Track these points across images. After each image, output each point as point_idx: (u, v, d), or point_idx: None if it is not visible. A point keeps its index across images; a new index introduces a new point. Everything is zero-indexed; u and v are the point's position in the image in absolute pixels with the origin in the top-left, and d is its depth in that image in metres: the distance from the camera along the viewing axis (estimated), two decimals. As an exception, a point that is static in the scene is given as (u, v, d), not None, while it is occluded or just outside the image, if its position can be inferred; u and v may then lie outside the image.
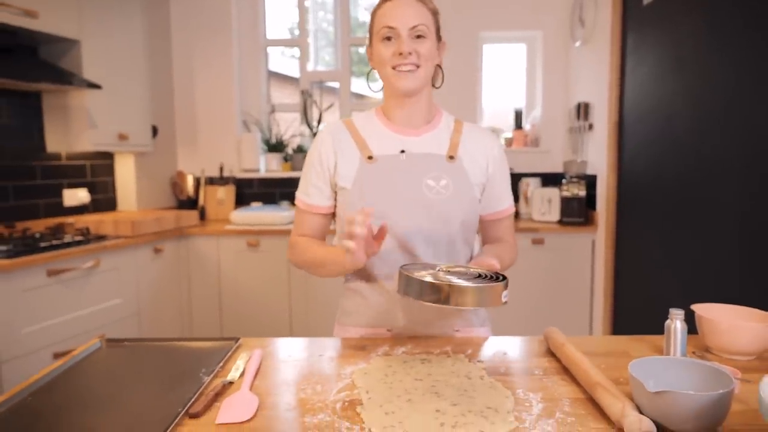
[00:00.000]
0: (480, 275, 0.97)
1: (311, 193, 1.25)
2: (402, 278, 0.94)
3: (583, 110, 3.17)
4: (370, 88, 1.28)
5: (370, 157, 1.20)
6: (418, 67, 1.16)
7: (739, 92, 1.82)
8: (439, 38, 1.22)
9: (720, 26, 1.92)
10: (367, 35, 1.24)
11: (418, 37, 1.15)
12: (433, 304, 0.89)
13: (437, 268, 0.99)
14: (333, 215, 1.29)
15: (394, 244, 1.19)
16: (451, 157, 1.22)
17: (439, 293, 0.88)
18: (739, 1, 1.82)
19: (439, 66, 1.26)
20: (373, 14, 1.21)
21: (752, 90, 1.76)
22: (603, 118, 2.92)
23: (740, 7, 1.81)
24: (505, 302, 0.93)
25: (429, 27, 1.16)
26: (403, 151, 1.21)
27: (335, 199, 1.26)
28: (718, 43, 1.93)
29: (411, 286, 0.92)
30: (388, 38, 1.15)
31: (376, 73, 1.25)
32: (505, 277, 0.95)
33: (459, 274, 0.96)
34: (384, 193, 1.18)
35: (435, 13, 1.21)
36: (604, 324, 2.94)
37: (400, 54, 1.14)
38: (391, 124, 1.25)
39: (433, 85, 1.27)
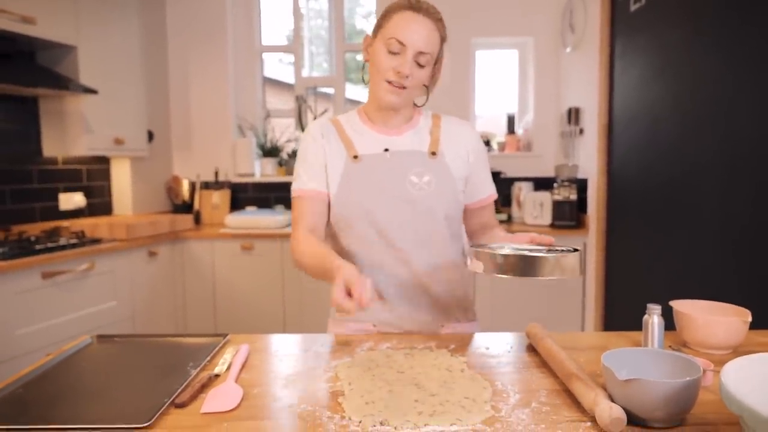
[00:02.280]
0: (549, 251, 1.02)
1: (312, 179, 1.24)
2: (497, 257, 0.98)
3: (573, 115, 3.21)
4: (364, 80, 1.28)
5: (355, 156, 1.23)
6: (408, 87, 1.17)
7: (724, 96, 1.85)
8: (438, 59, 1.23)
9: (705, 32, 1.96)
10: (374, 26, 1.22)
11: (421, 63, 1.16)
12: (532, 277, 0.96)
13: (507, 247, 1.05)
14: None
15: (381, 241, 1.21)
16: (433, 153, 1.24)
17: (544, 266, 0.96)
18: (723, 8, 1.86)
19: (425, 86, 1.26)
20: (389, 14, 1.18)
21: (736, 94, 1.79)
22: (593, 122, 2.96)
23: (725, 13, 1.85)
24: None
25: (433, 56, 1.18)
26: (387, 150, 1.24)
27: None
28: (703, 48, 1.97)
29: (509, 262, 0.97)
30: (394, 51, 1.15)
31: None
32: (576, 249, 1.02)
33: (531, 251, 1.01)
34: (370, 190, 1.21)
35: (443, 40, 1.22)
36: (596, 325, 2.97)
37: (398, 72, 1.15)
38: (373, 124, 1.28)
39: (415, 104, 1.30)
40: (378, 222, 1.20)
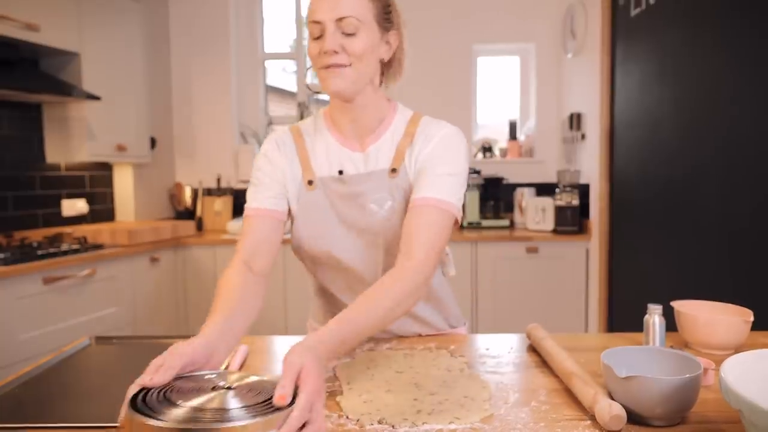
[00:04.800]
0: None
1: (259, 197, 1.07)
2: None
3: (575, 120, 3.21)
4: (311, 87, 1.13)
5: (310, 182, 1.08)
6: (348, 65, 0.98)
7: (725, 100, 1.85)
8: (387, 27, 1.02)
9: (705, 35, 1.96)
10: None
11: (348, 32, 0.96)
12: None
13: (221, 384, 0.70)
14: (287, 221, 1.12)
15: (348, 275, 1.10)
16: (394, 171, 1.06)
17: None
18: (723, 12, 1.86)
19: (386, 61, 1.06)
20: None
21: (737, 97, 1.79)
22: (595, 127, 2.96)
23: (725, 17, 1.86)
24: None
25: (363, 18, 0.97)
26: (341, 172, 1.08)
27: (288, 209, 1.11)
28: (704, 51, 1.97)
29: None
30: (316, 36, 0.98)
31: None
32: (292, 401, 0.65)
33: (246, 391, 0.68)
34: (326, 223, 1.07)
35: (377, 0, 1.00)
36: (600, 327, 2.96)
37: (325, 52, 0.96)
38: (338, 133, 1.10)
39: (384, 83, 1.10)
40: (340, 259, 1.08)
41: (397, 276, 0.92)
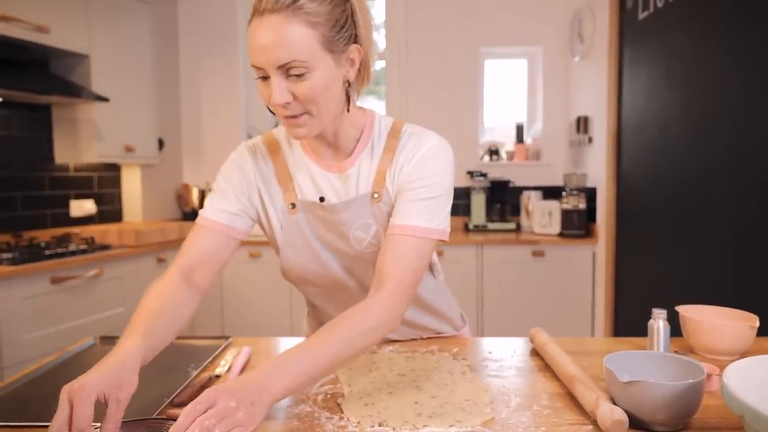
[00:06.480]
0: None
1: (219, 206, 0.99)
2: None
3: (582, 124, 3.20)
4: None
5: (293, 205, 1.01)
6: (304, 113, 0.87)
7: (732, 103, 1.84)
8: (343, 48, 0.87)
9: (713, 38, 1.95)
10: None
11: (295, 75, 0.83)
12: None
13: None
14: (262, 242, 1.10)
15: (339, 296, 1.08)
16: (376, 195, 0.99)
17: None
18: (731, 15, 1.85)
19: (348, 82, 0.91)
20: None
21: (744, 100, 1.78)
22: (602, 131, 2.94)
23: (733, 19, 1.85)
24: None
25: (310, 55, 0.82)
26: (322, 199, 1.00)
27: (250, 226, 1.03)
28: (712, 54, 1.96)
29: None
30: (264, 77, 0.87)
31: None
32: None
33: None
34: (311, 250, 1.02)
35: (322, 23, 0.83)
36: (606, 332, 2.94)
37: (275, 106, 0.86)
38: (313, 153, 1.01)
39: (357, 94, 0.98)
40: (328, 284, 1.06)
41: (364, 308, 0.85)
